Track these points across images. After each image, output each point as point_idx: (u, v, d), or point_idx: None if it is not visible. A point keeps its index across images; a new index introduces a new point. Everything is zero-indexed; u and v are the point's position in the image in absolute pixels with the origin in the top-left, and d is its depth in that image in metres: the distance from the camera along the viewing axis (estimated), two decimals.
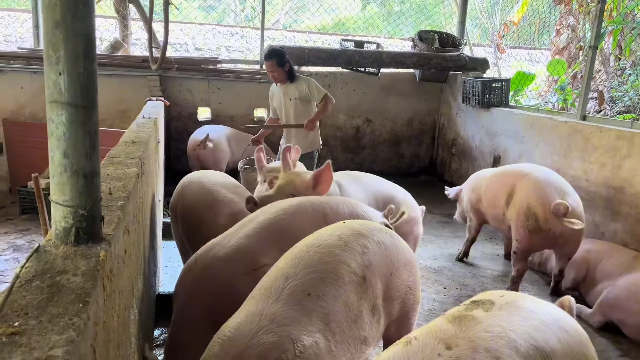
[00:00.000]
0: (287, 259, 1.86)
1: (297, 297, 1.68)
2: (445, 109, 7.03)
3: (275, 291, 1.70)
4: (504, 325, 1.41)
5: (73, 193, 1.16)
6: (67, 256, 1.11)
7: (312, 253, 1.84)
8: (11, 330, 0.80)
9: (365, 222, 2.15)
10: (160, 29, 6.12)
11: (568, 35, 7.66)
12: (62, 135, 1.13)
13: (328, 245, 1.88)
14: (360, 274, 1.82)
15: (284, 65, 4.65)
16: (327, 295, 1.71)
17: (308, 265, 1.79)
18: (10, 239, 4.36)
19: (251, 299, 1.76)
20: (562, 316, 1.59)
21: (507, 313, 1.48)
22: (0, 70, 5.51)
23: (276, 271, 1.82)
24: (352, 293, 1.77)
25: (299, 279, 1.73)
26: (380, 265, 1.92)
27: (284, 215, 2.30)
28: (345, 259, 1.83)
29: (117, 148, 2.49)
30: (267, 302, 1.68)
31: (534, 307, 1.56)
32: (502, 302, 1.55)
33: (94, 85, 1.16)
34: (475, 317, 1.45)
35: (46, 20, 1.09)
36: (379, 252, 1.95)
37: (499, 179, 3.86)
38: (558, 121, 4.72)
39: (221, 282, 2.05)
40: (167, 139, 5.89)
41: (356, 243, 1.91)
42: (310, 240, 1.96)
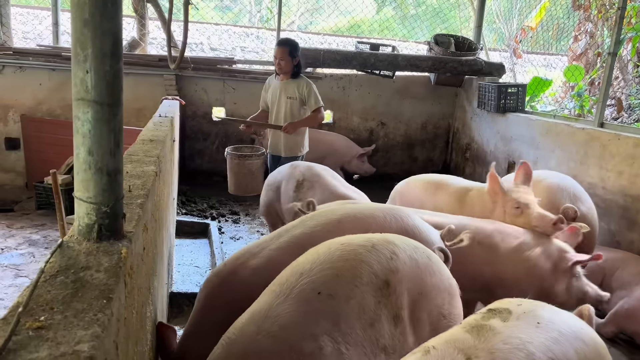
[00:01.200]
0: (308, 255, 1.82)
1: (307, 296, 1.63)
2: (459, 113, 7.00)
3: (287, 289, 1.67)
4: (522, 337, 1.40)
5: (97, 190, 1.17)
6: (89, 252, 1.13)
7: (334, 250, 1.78)
8: (37, 325, 0.81)
9: (404, 237, 2.00)
10: (176, 29, 6.18)
11: (586, 41, 7.58)
12: (88, 132, 1.15)
13: (353, 244, 1.82)
14: (382, 277, 1.73)
15: (294, 56, 4.39)
16: (338, 294, 1.65)
17: (325, 262, 1.73)
18: (26, 234, 4.41)
19: (264, 294, 1.74)
20: (580, 326, 1.57)
21: (524, 324, 1.47)
22: (19, 67, 5.58)
23: (293, 266, 1.79)
24: (370, 295, 1.68)
25: (312, 276, 1.68)
26: (408, 277, 1.79)
27: (321, 232, 2.17)
28: (368, 260, 1.75)
29: (134, 146, 2.51)
30: (275, 300, 1.64)
31: (551, 317, 1.54)
32: (519, 311, 1.53)
33: (119, 84, 1.17)
34: (493, 328, 1.43)
35: (75, 19, 1.10)
36: (409, 265, 1.82)
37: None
38: (575, 128, 4.67)
39: (242, 292, 1.98)
40: (182, 138, 5.92)
41: (385, 248, 1.82)
42: (338, 239, 1.90)
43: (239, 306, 1.80)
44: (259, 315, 1.62)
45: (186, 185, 5.63)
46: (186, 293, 3.25)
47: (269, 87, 4.66)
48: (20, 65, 5.58)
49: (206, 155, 6.31)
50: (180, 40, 4.81)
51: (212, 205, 5.37)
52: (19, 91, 5.62)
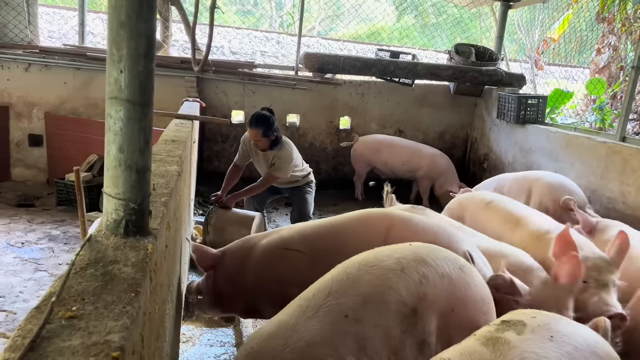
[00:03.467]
0: (336, 273, 1.77)
1: (333, 317, 1.60)
2: (478, 123, 6.97)
3: (314, 305, 1.64)
4: (539, 352, 1.38)
5: (125, 187, 1.20)
6: (117, 247, 1.15)
7: (363, 272, 1.73)
8: (70, 314, 0.84)
9: (435, 248, 1.96)
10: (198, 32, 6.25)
11: (609, 55, 7.51)
12: (119, 130, 1.18)
13: (382, 267, 1.76)
14: (410, 305, 1.68)
15: (269, 135, 4.05)
16: (365, 320, 1.61)
17: (354, 286, 1.69)
18: (46, 229, 4.49)
19: (289, 307, 1.72)
20: (595, 340, 1.56)
21: (540, 338, 1.45)
22: (45, 65, 5.70)
23: (321, 283, 1.75)
24: (396, 324, 1.64)
25: (340, 299, 1.65)
26: (438, 299, 1.75)
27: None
28: (397, 286, 1.70)
29: (157, 146, 2.56)
30: (302, 316, 1.62)
31: (566, 330, 1.52)
32: (534, 324, 1.51)
33: (151, 84, 1.21)
34: (508, 341, 1.41)
35: (111, 20, 1.14)
36: (440, 284, 1.78)
37: (520, 182, 4.31)
38: (596, 141, 4.62)
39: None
40: (201, 140, 5.99)
41: (415, 270, 1.77)
42: (366, 256, 1.83)
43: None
44: (286, 328, 1.60)
45: (203, 187, 5.69)
46: None
47: (250, 148, 4.33)
48: (46, 64, 5.69)
49: (224, 157, 6.37)
50: (203, 44, 4.87)
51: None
52: (44, 89, 5.74)
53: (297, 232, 2.48)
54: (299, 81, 6.37)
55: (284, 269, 2.36)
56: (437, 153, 6.11)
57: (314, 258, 2.32)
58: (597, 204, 4.46)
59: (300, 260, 2.35)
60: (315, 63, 6.03)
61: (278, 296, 2.31)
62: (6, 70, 5.63)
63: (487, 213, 3.39)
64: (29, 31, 5.97)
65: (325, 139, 6.65)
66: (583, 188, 4.67)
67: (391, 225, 2.35)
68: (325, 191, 6.24)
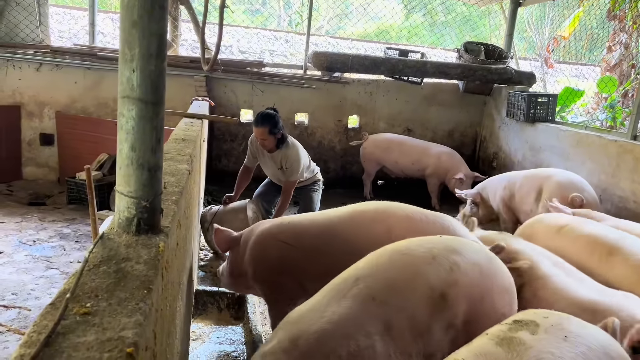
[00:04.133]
0: (368, 261, 1.86)
1: (362, 299, 1.69)
2: (487, 121, 6.94)
3: (344, 289, 1.73)
4: (554, 352, 1.39)
5: (137, 185, 1.21)
6: (129, 245, 1.17)
7: (394, 260, 1.82)
8: (84, 310, 0.85)
9: (464, 240, 2.04)
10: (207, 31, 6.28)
11: (621, 52, 7.44)
12: (131, 129, 1.19)
13: (413, 255, 1.84)
14: (439, 290, 1.74)
15: (275, 133, 4.02)
16: (392, 303, 1.68)
17: (383, 271, 1.77)
18: (57, 227, 4.53)
19: (320, 292, 1.81)
20: (607, 341, 1.56)
21: (554, 338, 1.45)
22: (56, 65, 5.75)
23: (352, 270, 1.84)
24: (423, 308, 1.71)
25: (369, 284, 1.73)
26: (468, 287, 1.81)
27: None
28: (426, 273, 1.77)
29: (167, 145, 2.57)
30: (334, 298, 1.72)
31: (579, 331, 1.52)
32: (547, 324, 1.51)
33: (163, 83, 1.22)
34: (523, 341, 1.41)
35: (123, 20, 1.15)
36: (470, 273, 1.83)
37: (530, 180, 4.31)
38: (607, 140, 4.59)
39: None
40: (210, 139, 6.01)
41: (445, 259, 1.83)
42: (399, 245, 1.92)
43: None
44: (320, 306, 1.70)
45: (213, 186, 5.71)
46: (211, 291, 3.30)
47: (257, 149, 4.28)
48: (56, 64, 5.74)
49: (233, 156, 6.39)
50: (212, 43, 4.89)
51: None
52: (55, 88, 5.79)
53: (292, 224, 2.58)
54: (307, 80, 6.37)
55: (277, 258, 2.49)
56: (444, 151, 6.07)
57: (305, 252, 2.46)
58: (608, 203, 4.43)
59: (292, 252, 2.47)
60: (324, 62, 6.03)
61: (272, 282, 2.51)
62: (17, 70, 5.69)
63: (562, 240, 2.85)
64: (40, 31, 6.02)
65: (333, 137, 6.65)
66: (594, 187, 4.63)
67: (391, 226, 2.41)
68: (333, 190, 6.24)
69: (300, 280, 2.49)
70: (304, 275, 2.48)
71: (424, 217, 2.47)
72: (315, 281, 2.38)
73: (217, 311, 3.19)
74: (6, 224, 4.49)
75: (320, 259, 2.44)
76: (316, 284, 2.37)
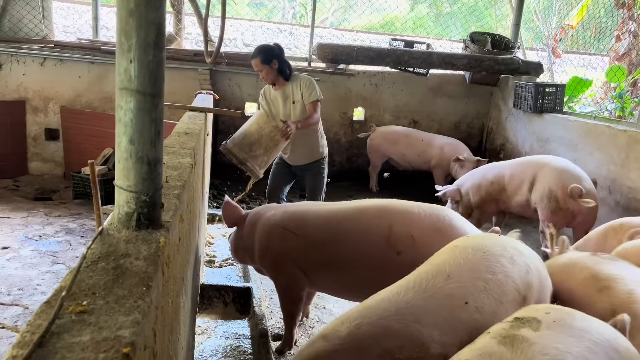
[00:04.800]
0: (450, 257, 1.75)
1: (453, 302, 1.59)
2: (494, 112, 6.87)
3: (432, 286, 1.63)
4: (560, 347, 1.34)
5: (137, 179, 1.18)
6: (129, 240, 1.14)
7: (479, 257, 1.72)
8: (80, 309, 0.82)
9: (519, 242, 1.96)
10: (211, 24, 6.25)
11: (629, 41, 7.33)
12: (130, 121, 1.16)
13: (495, 254, 1.75)
14: (523, 293, 1.68)
15: (270, 62, 3.85)
16: (485, 309, 1.59)
17: (474, 270, 1.67)
18: (63, 222, 4.53)
19: (403, 283, 1.71)
20: (614, 335, 1.51)
21: (558, 333, 1.41)
22: (60, 60, 5.73)
23: (437, 265, 1.74)
24: (511, 312, 1.60)
25: (462, 283, 1.63)
26: (537, 288, 1.77)
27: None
28: (512, 274, 1.70)
29: (170, 138, 2.54)
30: (418, 294, 1.62)
31: (583, 326, 1.48)
32: (549, 320, 1.47)
33: (161, 74, 1.18)
34: (526, 338, 1.37)
35: (120, 9, 1.11)
36: (536, 274, 1.80)
37: (522, 169, 4.29)
38: (616, 130, 4.52)
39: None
40: (215, 132, 5.98)
41: (520, 260, 1.78)
42: (474, 243, 1.81)
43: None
44: (399, 299, 1.61)
45: (218, 179, 5.69)
46: (216, 285, 3.28)
47: (267, 98, 4.17)
48: (61, 58, 5.72)
49: None
50: (215, 36, 4.85)
51: (243, 199, 5.41)
52: (59, 83, 5.77)
53: (297, 214, 2.67)
54: (312, 72, 6.32)
55: (280, 245, 2.61)
56: (447, 142, 6.01)
57: (308, 242, 2.56)
58: (618, 193, 4.37)
59: (294, 241, 2.57)
60: (329, 54, 5.98)
61: (277, 267, 2.66)
62: (22, 65, 5.68)
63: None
64: (44, 26, 6.01)
65: (339, 130, 6.60)
66: (603, 178, 4.58)
67: (393, 219, 2.44)
68: (339, 183, 6.20)
69: (301, 267, 2.60)
70: (305, 263, 2.58)
71: (422, 211, 2.48)
72: (314, 271, 2.57)
73: (222, 305, 3.18)
74: (12, 219, 4.50)
75: (321, 250, 2.53)
76: (315, 274, 2.55)
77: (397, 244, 2.40)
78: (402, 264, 2.26)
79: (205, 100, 4.54)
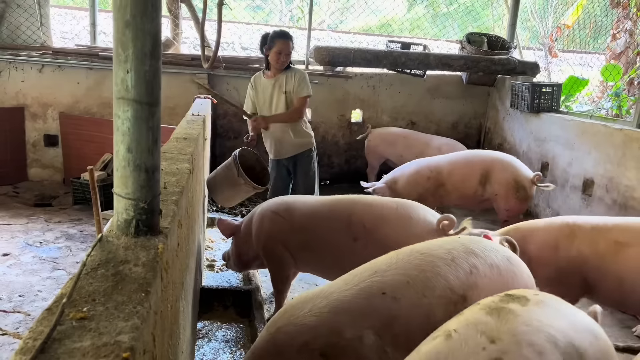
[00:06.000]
0: (388, 257, 1.89)
1: (370, 292, 1.71)
2: (492, 113, 6.89)
3: (357, 281, 1.77)
4: (543, 320, 1.42)
5: (135, 186, 1.20)
6: (128, 247, 1.16)
7: (413, 258, 1.83)
8: (80, 315, 0.84)
9: (482, 241, 2.06)
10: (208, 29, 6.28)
11: (625, 40, 7.36)
12: (127, 130, 1.18)
13: (434, 255, 1.85)
14: (459, 292, 1.76)
15: (293, 47, 4.10)
16: (404, 300, 1.69)
17: (402, 268, 1.79)
18: (63, 228, 4.55)
19: (337, 280, 1.85)
20: (592, 322, 1.60)
21: (543, 310, 1.49)
22: (58, 66, 5.76)
23: (372, 263, 1.87)
24: (441, 309, 1.71)
25: (384, 277, 1.76)
26: (487, 288, 1.82)
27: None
28: (445, 274, 1.78)
29: (168, 144, 2.57)
30: (342, 287, 1.76)
31: (567, 310, 1.57)
32: (537, 299, 1.55)
33: (158, 83, 1.20)
34: (513, 311, 1.45)
35: (116, 20, 1.14)
36: (489, 275, 1.85)
37: (466, 165, 4.59)
38: (613, 128, 4.54)
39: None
40: (214, 136, 6.00)
41: (465, 261, 1.85)
42: (419, 246, 1.95)
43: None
44: (319, 295, 1.77)
45: None
46: (216, 289, 3.30)
47: (256, 87, 4.21)
48: (59, 65, 5.74)
49: None
50: (213, 40, 4.87)
51: (242, 203, 5.42)
52: (58, 89, 5.80)
53: (287, 202, 3.02)
54: (309, 75, 6.32)
55: (270, 227, 2.94)
56: (445, 143, 6.02)
57: (293, 226, 2.89)
58: (615, 192, 4.39)
59: (283, 225, 2.91)
60: (326, 56, 6.00)
61: (269, 249, 2.97)
62: (20, 71, 5.70)
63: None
64: (42, 32, 6.03)
65: (337, 132, 6.62)
66: (600, 176, 4.61)
67: (353, 210, 2.78)
68: (338, 185, 6.23)
69: (288, 249, 2.93)
70: (291, 245, 2.91)
71: (382, 204, 2.81)
72: (298, 253, 2.94)
73: (222, 309, 3.19)
74: (12, 225, 4.52)
75: (303, 234, 2.87)
76: (299, 255, 2.94)
77: (354, 231, 2.72)
78: (358, 249, 2.67)
79: (203, 105, 4.57)
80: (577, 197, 4.93)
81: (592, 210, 4.67)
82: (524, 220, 3.27)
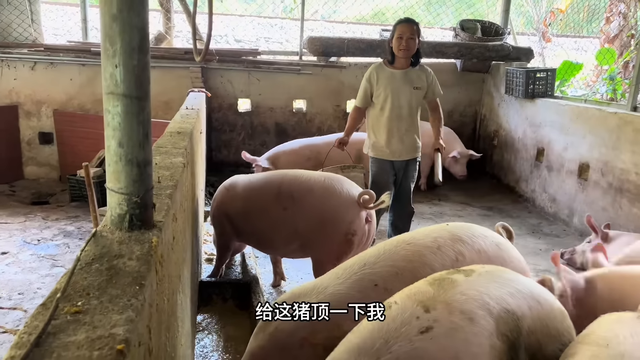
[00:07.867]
0: (375, 249, 1.91)
1: (363, 285, 1.74)
2: (487, 99, 6.89)
3: (348, 274, 1.80)
4: (480, 289, 1.47)
5: (127, 181, 1.20)
6: (122, 241, 1.16)
7: (400, 249, 1.86)
8: (75, 309, 0.85)
9: (471, 226, 2.06)
10: (201, 22, 6.25)
11: (619, 23, 7.35)
12: (118, 125, 1.18)
13: (419, 245, 1.87)
14: None
15: (419, 35, 3.72)
16: (395, 291, 1.67)
17: (390, 259, 1.82)
18: (61, 225, 4.55)
19: (326, 275, 1.88)
20: (540, 290, 1.64)
21: (484, 279, 1.54)
22: (50, 63, 5.73)
23: (359, 256, 1.90)
24: None
25: (374, 269, 1.79)
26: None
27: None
28: (432, 262, 1.81)
29: (163, 138, 2.56)
30: (335, 281, 1.78)
31: (511, 277, 1.61)
32: (482, 270, 1.61)
33: (147, 77, 1.20)
34: (454, 280, 1.50)
35: (103, 14, 1.14)
36: (477, 261, 1.85)
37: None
38: (607, 112, 4.55)
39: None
40: (209, 130, 6.00)
41: (451, 249, 1.87)
42: (405, 236, 1.98)
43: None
44: (314, 287, 1.80)
45: (214, 177, 5.71)
46: (215, 282, 3.31)
47: (376, 79, 3.88)
48: (51, 62, 5.72)
49: (232, 146, 6.38)
50: (205, 33, 4.85)
51: None
52: (51, 87, 5.77)
53: (236, 178, 3.29)
54: (303, 66, 6.33)
55: (219, 199, 3.25)
56: None
57: (235, 197, 3.18)
58: (610, 175, 4.41)
59: (226, 196, 3.22)
60: (319, 47, 5.99)
61: (212, 216, 3.29)
62: (13, 69, 5.67)
63: None
64: (33, 29, 5.99)
65: (332, 123, 6.61)
66: (595, 160, 4.63)
67: (282, 182, 3.00)
68: None
69: (230, 220, 3.17)
70: (232, 214, 3.15)
71: (310, 177, 3.00)
72: (238, 222, 3.15)
73: (222, 302, 3.21)
74: (10, 224, 4.52)
75: (242, 203, 3.11)
76: (239, 224, 3.15)
77: (282, 201, 2.94)
78: (287, 218, 2.92)
79: (197, 98, 4.55)
80: (572, 181, 4.95)
81: (588, 194, 4.70)
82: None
